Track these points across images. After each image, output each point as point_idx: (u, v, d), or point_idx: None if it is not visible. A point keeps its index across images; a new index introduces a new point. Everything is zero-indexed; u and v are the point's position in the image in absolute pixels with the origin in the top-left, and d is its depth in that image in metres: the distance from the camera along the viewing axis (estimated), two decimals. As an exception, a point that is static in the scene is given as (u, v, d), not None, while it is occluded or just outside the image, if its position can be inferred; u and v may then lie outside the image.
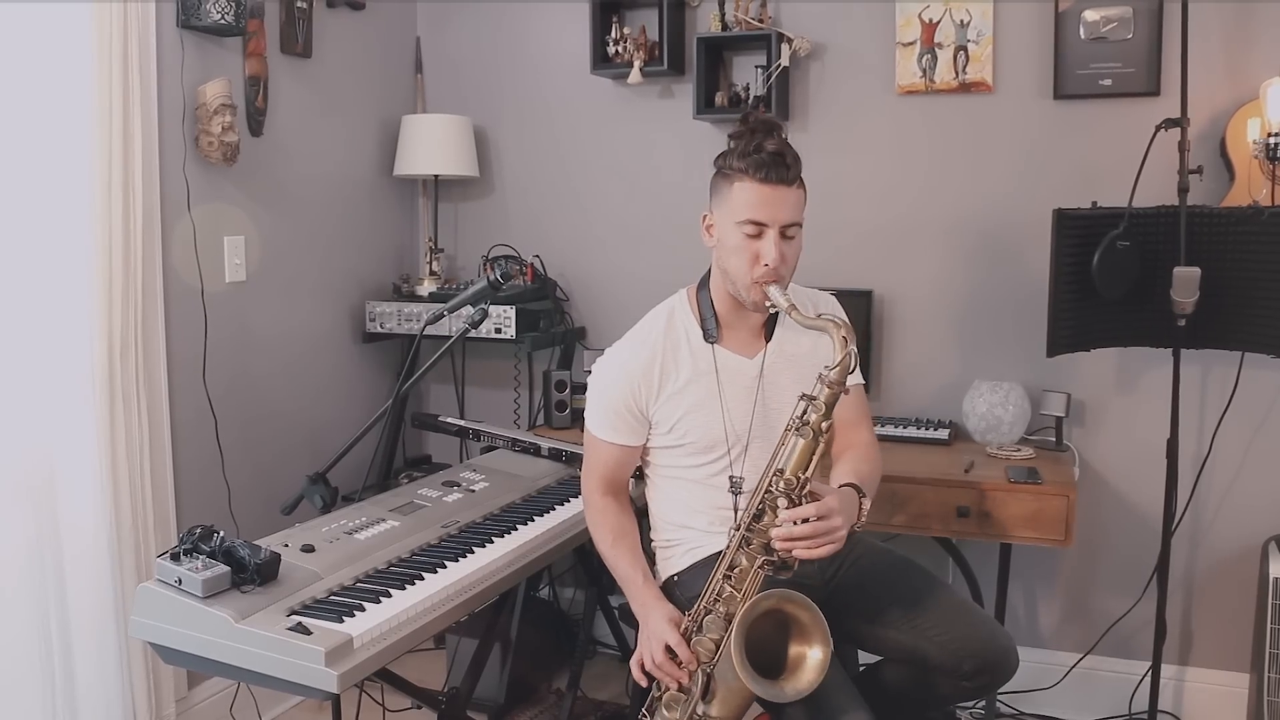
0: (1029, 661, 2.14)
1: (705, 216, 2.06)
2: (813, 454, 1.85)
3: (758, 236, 1.93)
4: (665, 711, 1.91)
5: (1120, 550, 3.01)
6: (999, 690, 2.30)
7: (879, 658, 2.16)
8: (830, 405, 1.85)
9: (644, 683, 1.92)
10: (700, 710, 1.85)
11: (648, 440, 2.12)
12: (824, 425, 1.85)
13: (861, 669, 2.28)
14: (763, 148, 1.91)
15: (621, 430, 2.10)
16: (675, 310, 2.13)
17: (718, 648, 1.85)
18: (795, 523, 1.80)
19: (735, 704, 1.84)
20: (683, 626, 1.91)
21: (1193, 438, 2.89)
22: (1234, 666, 2.93)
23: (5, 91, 2.24)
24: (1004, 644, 1.98)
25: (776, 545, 1.82)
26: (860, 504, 1.94)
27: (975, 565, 2.89)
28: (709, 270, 2.12)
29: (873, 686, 2.04)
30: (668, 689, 1.90)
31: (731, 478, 2.06)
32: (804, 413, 1.87)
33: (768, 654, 1.81)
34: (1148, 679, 2.75)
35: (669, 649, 1.88)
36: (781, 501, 1.84)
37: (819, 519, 1.80)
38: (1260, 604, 2.73)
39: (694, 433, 2.06)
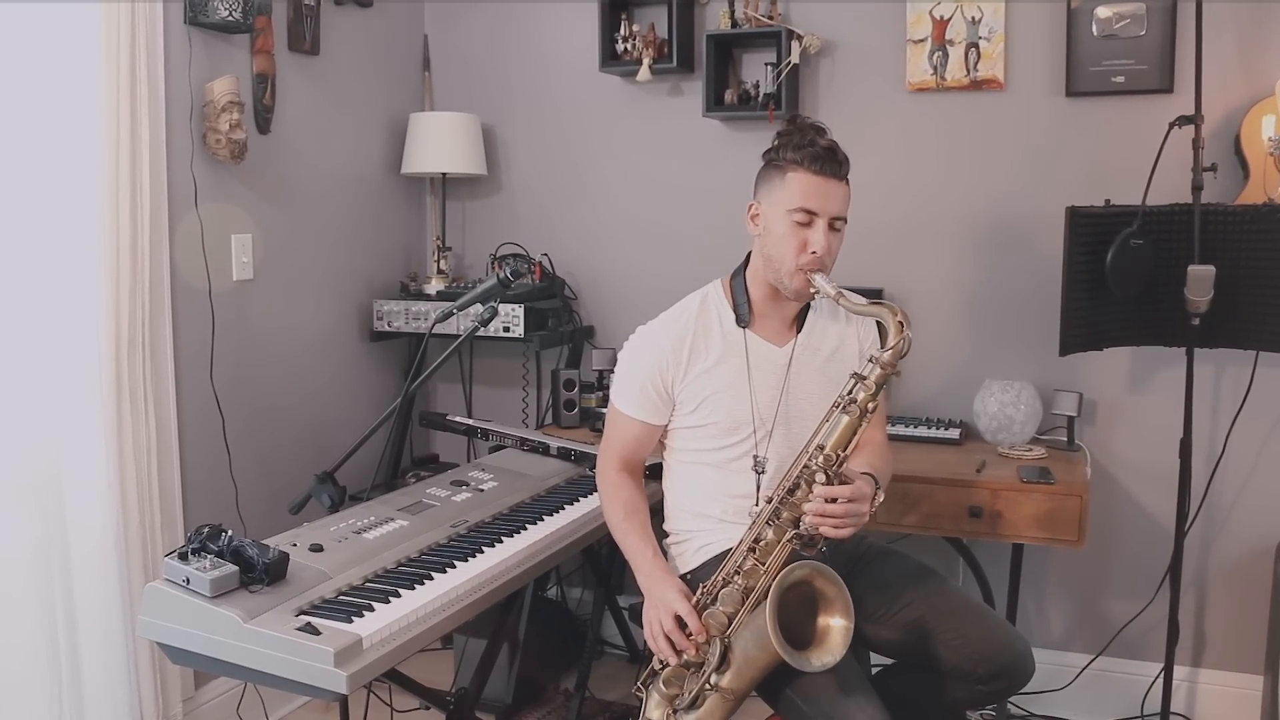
0: (1040, 663, 2.12)
1: (751, 206, 2.10)
2: (854, 433, 1.89)
3: (807, 225, 1.99)
4: (664, 687, 1.91)
5: (1133, 551, 2.99)
6: (1014, 695, 2.28)
7: (892, 661, 2.15)
8: (880, 386, 1.90)
9: (663, 655, 1.92)
10: (713, 680, 1.85)
11: (670, 421, 2.14)
12: (870, 405, 1.89)
13: (875, 672, 2.26)
14: (816, 142, 1.99)
15: (646, 407, 2.12)
16: (709, 295, 2.17)
17: (730, 621, 1.87)
18: (829, 500, 1.83)
19: (749, 675, 1.85)
20: (695, 598, 1.93)
21: (1206, 438, 2.87)
22: (1247, 669, 2.90)
23: (13, 90, 2.24)
24: (1019, 648, 1.97)
25: (808, 521, 1.85)
26: (875, 494, 1.95)
27: (986, 566, 2.88)
28: (744, 261, 2.16)
29: (886, 691, 2.02)
30: (667, 664, 1.90)
31: (756, 457, 2.07)
32: (852, 390, 1.90)
33: (788, 626, 1.81)
34: (1160, 681, 2.73)
35: (679, 620, 1.89)
36: (819, 476, 1.87)
37: (850, 500, 1.84)
38: (1274, 605, 2.71)
39: (719, 413, 2.08)
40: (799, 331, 2.13)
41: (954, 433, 2.93)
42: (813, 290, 1.99)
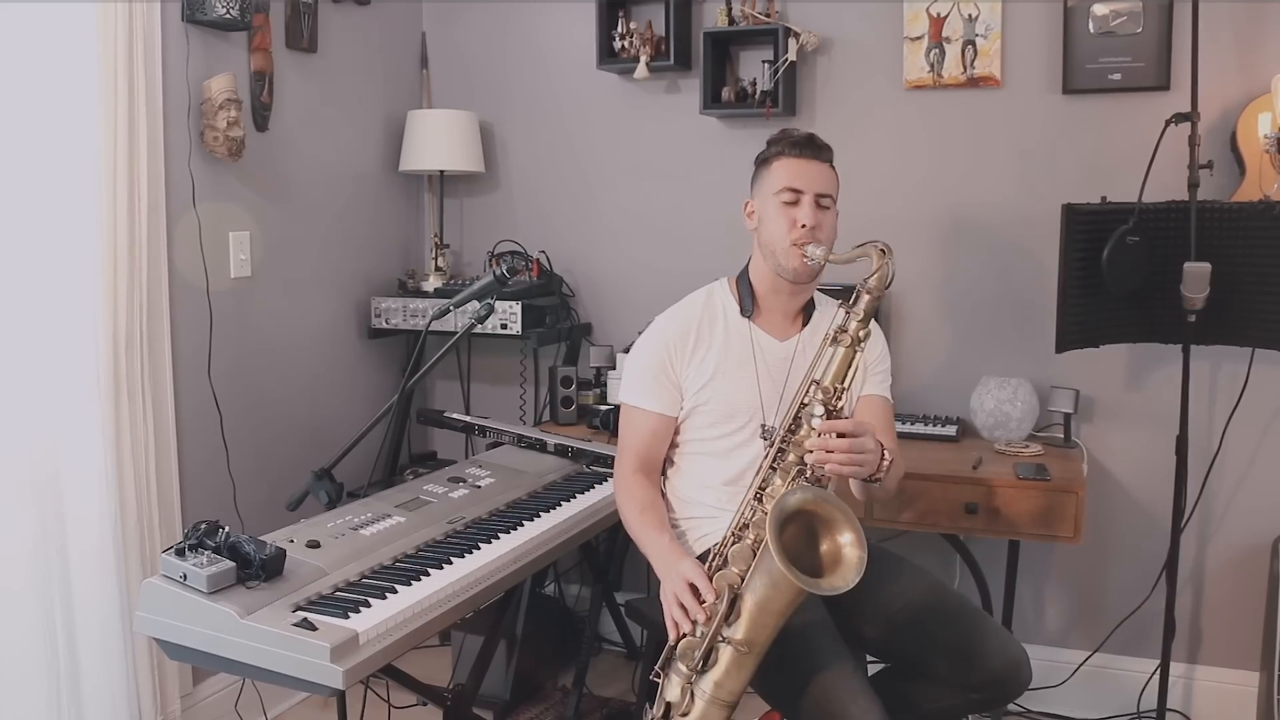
0: (1037, 659, 2.12)
1: (747, 204, 2.18)
2: (850, 364, 1.89)
3: (794, 204, 2.05)
4: (680, 664, 1.83)
5: (1129, 547, 2.99)
6: (1009, 704, 2.27)
7: (886, 665, 2.14)
8: (869, 314, 1.90)
9: (674, 635, 1.86)
10: (725, 634, 1.79)
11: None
12: (862, 334, 1.89)
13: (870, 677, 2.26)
14: (796, 130, 2.13)
15: (661, 396, 2.14)
16: (715, 290, 2.23)
17: (743, 578, 1.80)
18: (831, 435, 1.82)
19: (765, 622, 1.77)
20: (707, 564, 1.89)
21: (1202, 434, 2.87)
22: (1243, 665, 2.91)
23: (11, 87, 2.24)
24: (1015, 656, 1.94)
25: (810, 458, 1.83)
26: (883, 453, 1.89)
27: (983, 562, 2.88)
28: (749, 260, 2.20)
29: (880, 694, 2.02)
30: (683, 636, 1.84)
31: (764, 425, 2.09)
32: (844, 321, 1.90)
33: (795, 561, 1.72)
34: (1156, 677, 2.74)
35: (694, 588, 1.84)
36: (818, 409, 1.86)
37: (853, 435, 1.82)
38: (1270, 601, 2.72)
39: (717, 399, 2.11)
40: (804, 327, 2.17)
41: (951, 429, 2.94)
42: (807, 261, 2.02)
